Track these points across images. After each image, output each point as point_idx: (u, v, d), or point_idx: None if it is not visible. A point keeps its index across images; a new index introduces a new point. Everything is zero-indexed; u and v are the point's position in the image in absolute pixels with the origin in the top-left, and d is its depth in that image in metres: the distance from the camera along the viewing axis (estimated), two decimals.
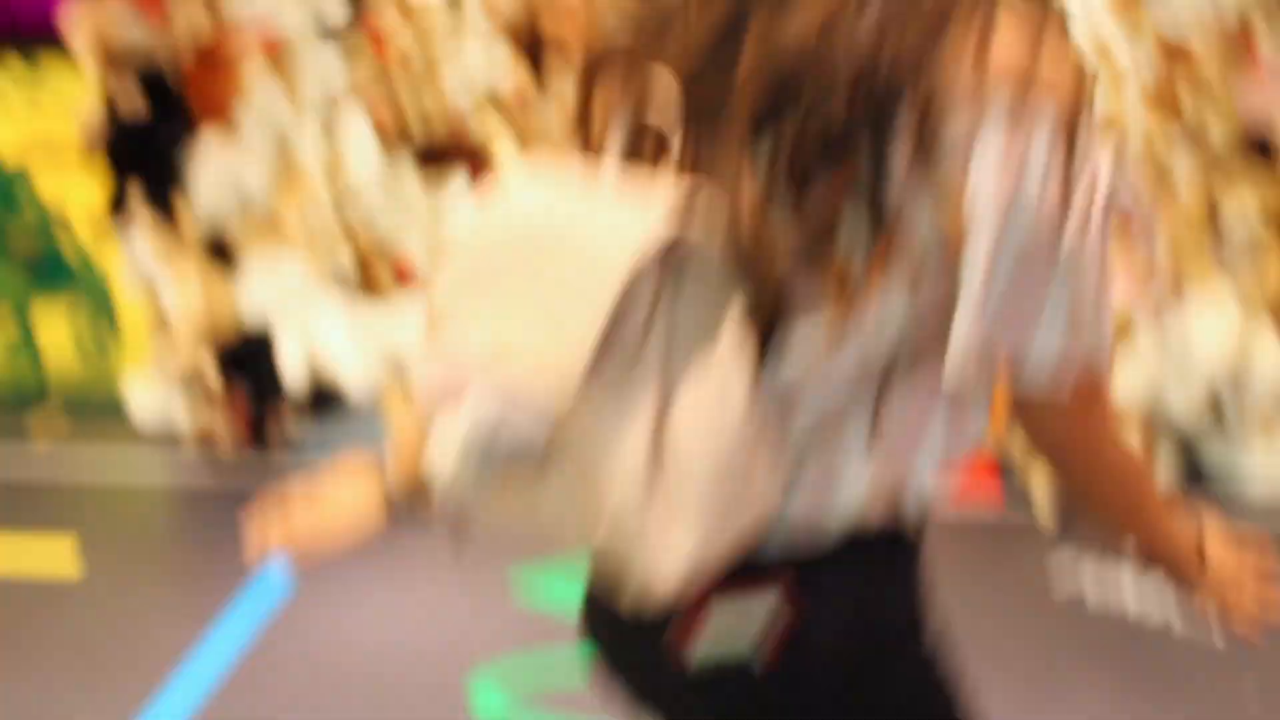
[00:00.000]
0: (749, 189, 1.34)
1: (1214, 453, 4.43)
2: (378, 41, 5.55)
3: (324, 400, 4.55)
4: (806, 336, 1.34)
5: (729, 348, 1.33)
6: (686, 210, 1.31)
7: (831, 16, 1.30)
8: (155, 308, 4.68)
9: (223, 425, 4.68)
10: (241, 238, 4.58)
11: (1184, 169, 4.36)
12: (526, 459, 1.33)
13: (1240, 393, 4.22)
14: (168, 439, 4.83)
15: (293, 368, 4.46)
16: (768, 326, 1.35)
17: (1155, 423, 4.30)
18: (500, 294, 1.38)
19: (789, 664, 1.41)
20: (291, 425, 4.62)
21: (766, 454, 1.35)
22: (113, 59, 4.42)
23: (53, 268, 5.37)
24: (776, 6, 1.35)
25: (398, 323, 4.60)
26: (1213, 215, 4.28)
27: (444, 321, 1.39)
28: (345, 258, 4.72)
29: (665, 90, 1.43)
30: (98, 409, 5.09)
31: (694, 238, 1.31)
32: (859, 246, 1.29)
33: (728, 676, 1.42)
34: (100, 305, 5.37)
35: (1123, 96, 5.08)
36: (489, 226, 1.42)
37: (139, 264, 4.61)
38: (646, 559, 1.35)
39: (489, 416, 1.31)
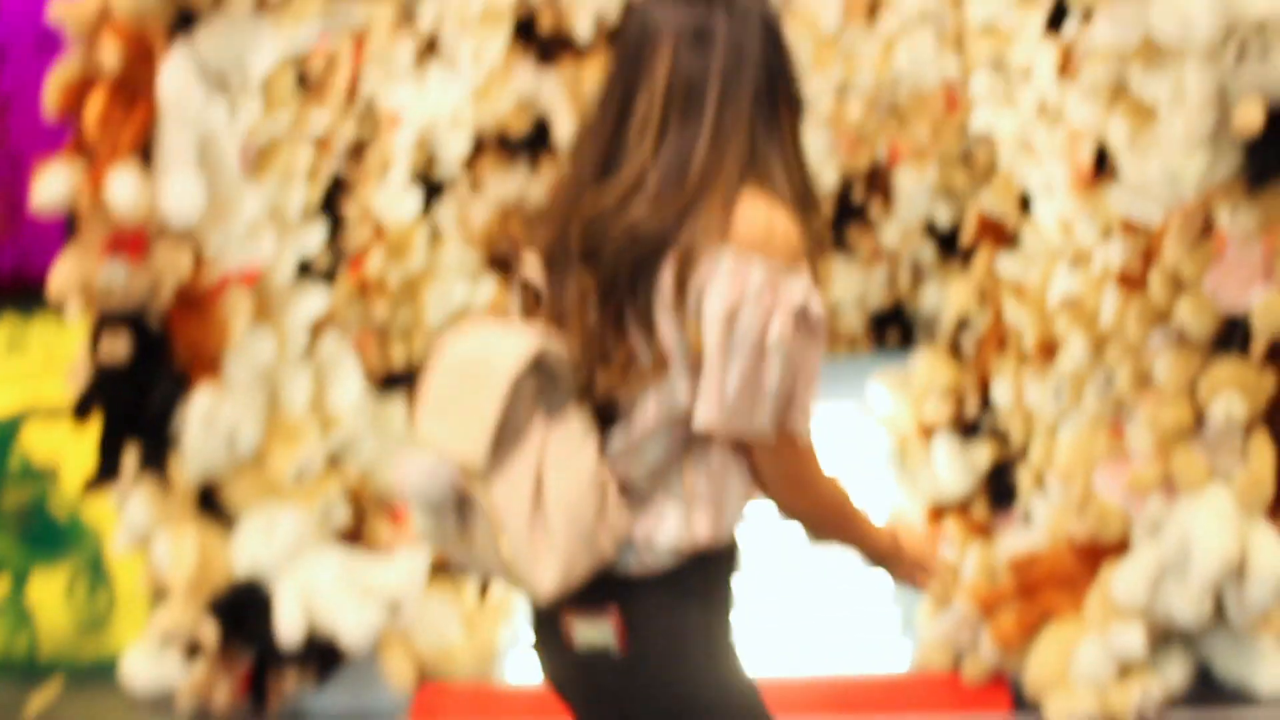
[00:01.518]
0: (585, 314, 2.11)
1: (1222, 654, 4.38)
2: (357, 264, 5.61)
3: (322, 653, 4.49)
4: (630, 414, 2.10)
5: (579, 424, 2.09)
6: (548, 334, 2.12)
7: (624, 193, 2.08)
8: (150, 567, 4.65)
9: (220, 685, 4.62)
10: (235, 493, 4.56)
11: (1163, 361, 4.37)
12: (448, 510, 2.13)
13: (1239, 589, 4.18)
14: (163, 702, 4.74)
15: (289, 624, 4.40)
16: (604, 409, 2.12)
17: (1157, 623, 4.26)
18: (440, 404, 2.13)
19: (632, 652, 2.15)
20: (291, 683, 4.56)
21: (613, 498, 2.08)
22: (97, 306, 4.41)
23: (44, 530, 5.33)
24: (598, 188, 2.14)
25: (394, 571, 4.57)
26: (1196, 409, 4.27)
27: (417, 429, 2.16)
28: (339, 508, 4.71)
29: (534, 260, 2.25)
30: (91, 674, 5.02)
31: (554, 351, 2.08)
32: (644, 351, 2.06)
33: (598, 657, 2.17)
34: (93, 568, 5.33)
35: (1089, 273, 5.12)
36: (440, 362, 2.16)
37: (132, 524, 4.59)
38: (530, 576, 2.05)
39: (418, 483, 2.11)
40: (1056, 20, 4.69)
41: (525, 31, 8.54)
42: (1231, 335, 4.24)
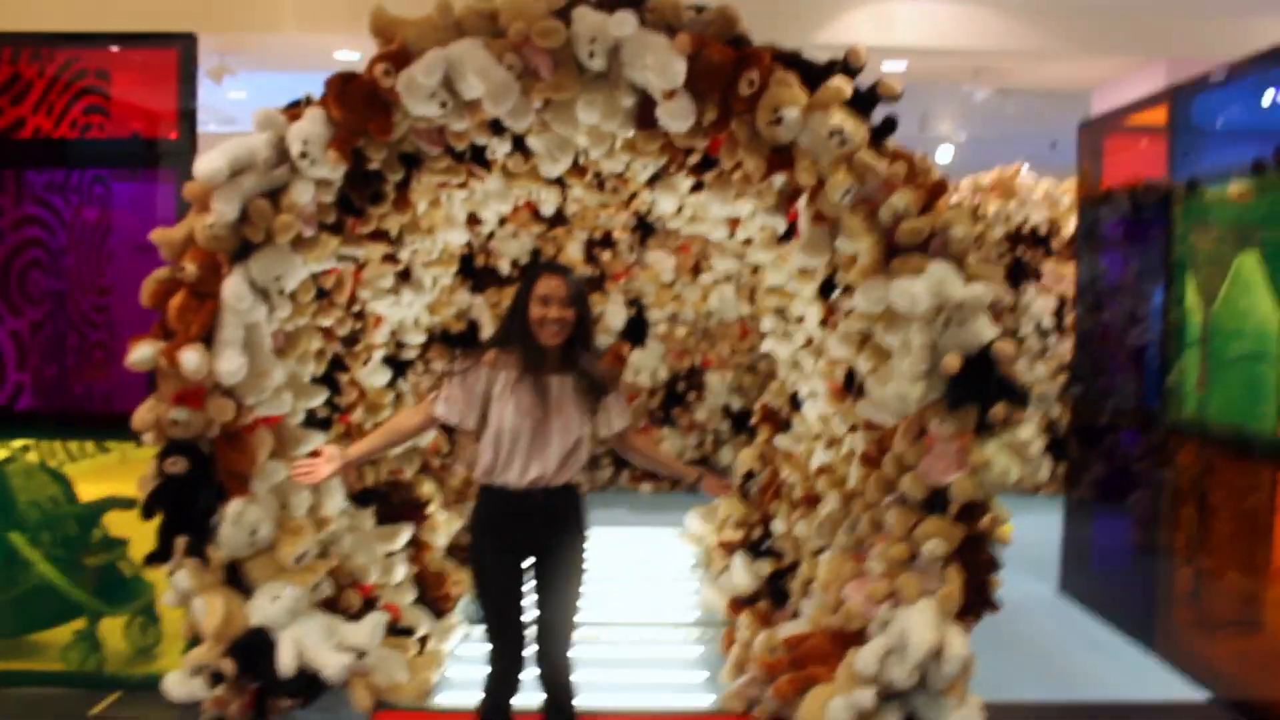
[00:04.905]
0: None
1: (923, 708, 4.30)
2: (345, 416, 5.42)
3: (308, 683, 4.21)
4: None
5: None
6: None
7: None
8: (188, 618, 4.35)
9: (234, 702, 4.33)
10: (253, 571, 4.30)
11: (891, 514, 4.35)
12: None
13: (938, 666, 4.12)
14: (191, 712, 4.42)
15: (286, 662, 4.13)
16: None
17: (883, 687, 4.18)
18: None
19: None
20: (284, 703, 4.27)
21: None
22: (164, 435, 4.16)
23: (115, 585, 5.00)
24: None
25: (361, 629, 4.34)
26: (913, 547, 4.24)
27: None
28: (325, 586, 4.47)
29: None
30: (140, 687, 4.72)
31: None
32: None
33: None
34: (146, 612, 5.01)
35: (839, 452, 5.09)
36: None
37: (179, 589, 4.30)
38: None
39: None
40: (826, 289, 4.70)
41: (465, 265, 8.50)
42: (936, 501, 4.24)
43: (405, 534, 5.16)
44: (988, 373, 4.12)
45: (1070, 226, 8.81)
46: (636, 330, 8.85)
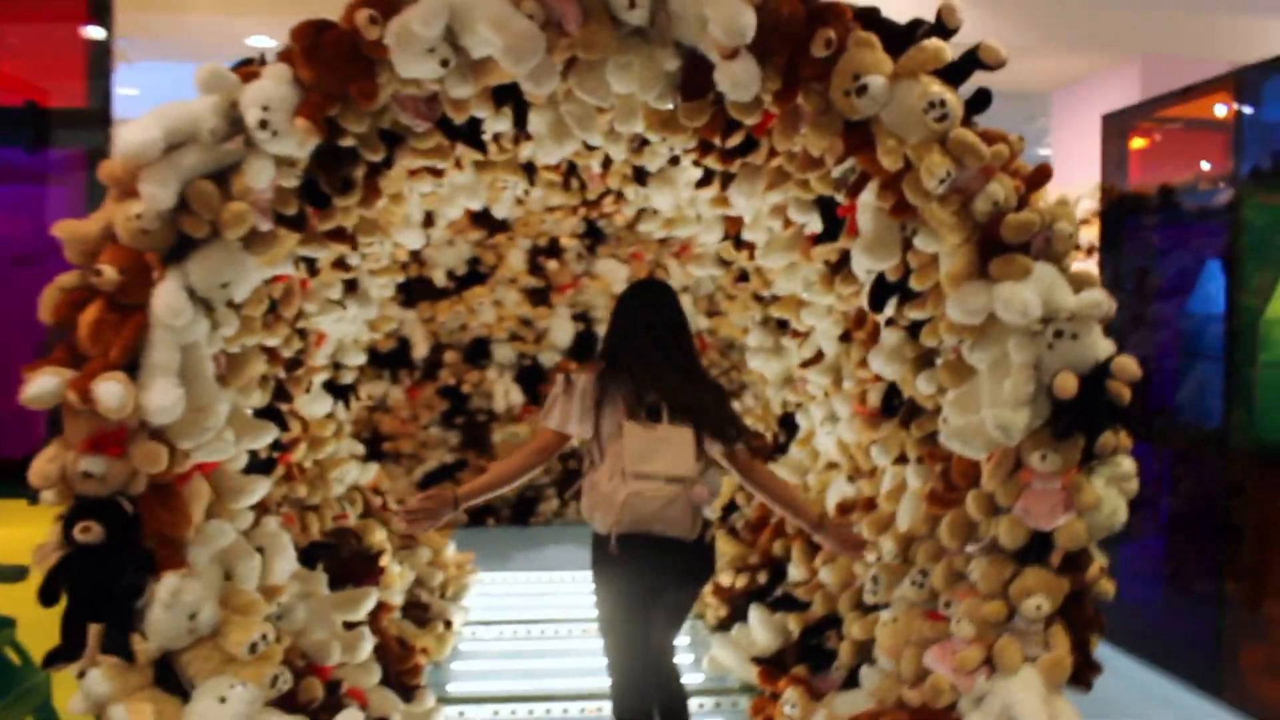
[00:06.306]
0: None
1: None
2: (285, 456, 4.45)
3: None
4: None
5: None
6: None
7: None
8: None
9: None
10: (192, 665, 3.27)
11: (978, 566, 3.57)
12: None
13: None
14: None
15: None
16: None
17: None
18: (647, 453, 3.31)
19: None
20: None
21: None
22: (72, 492, 3.13)
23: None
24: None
25: None
26: (1009, 605, 3.47)
27: None
28: (284, 676, 3.47)
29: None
30: None
31: None
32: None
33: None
34: (44, 708, 3.93)
35: (875, 486, 4.38)
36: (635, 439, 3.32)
37: (92, 694, 3.26)
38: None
39: None
40: (878, 297, 3.89)
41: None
42: (1032, 549, 3.47)
43: (370, 599, 4.18)
44: (1098, 395, 3.38)
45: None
46: (585, 347, 7.91)
